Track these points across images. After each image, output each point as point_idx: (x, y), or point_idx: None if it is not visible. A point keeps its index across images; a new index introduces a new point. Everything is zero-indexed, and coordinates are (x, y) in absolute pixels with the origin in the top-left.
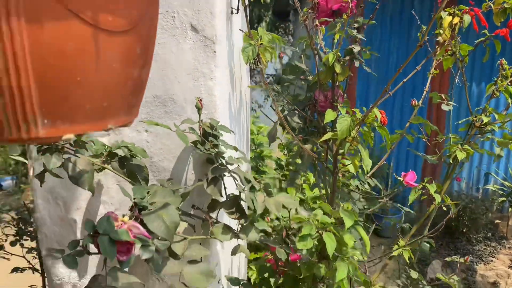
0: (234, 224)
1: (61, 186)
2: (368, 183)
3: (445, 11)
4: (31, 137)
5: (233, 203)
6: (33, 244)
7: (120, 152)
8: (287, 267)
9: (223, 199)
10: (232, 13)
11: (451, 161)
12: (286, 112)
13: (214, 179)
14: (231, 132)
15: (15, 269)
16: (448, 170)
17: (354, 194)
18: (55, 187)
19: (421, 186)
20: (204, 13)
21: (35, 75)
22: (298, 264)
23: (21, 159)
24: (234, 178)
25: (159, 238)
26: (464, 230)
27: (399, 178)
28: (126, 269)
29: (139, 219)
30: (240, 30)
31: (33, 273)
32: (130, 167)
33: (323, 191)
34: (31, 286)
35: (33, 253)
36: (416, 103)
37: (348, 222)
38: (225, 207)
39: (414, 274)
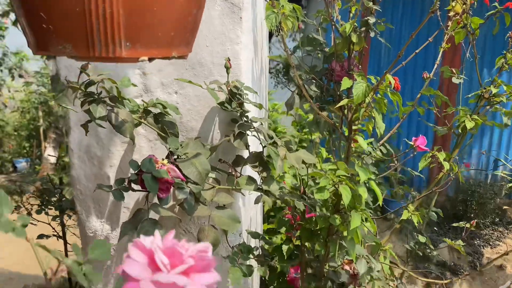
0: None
1: (96, 146)
2: (381, 150)
3: None
4: (116, 56)
5: (257, 158)
6: (57, 213)
7: (154, 110)
8: (303, 221)
9: (247, 155)
10: None
11: (460, 131)
12: (303, 82)
13: (240, 134)
14: (256, 93)
15: (41, 236)
16: (458, 140)
17: (367, 159)
18: (90, 147)
19: (430, 154)
20: None
21: (124, 4)
22: (314, 219)
23: (70, 107)
24: (258, 134)
25: (192, 182)
26: (472, 215)
27: (410, 143)
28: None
29: (175, 167)
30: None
31: (57, 239)
32: (163, 123)
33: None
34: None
35: (57, 221)
36: (428, 75)
37: (363, 176)
38: (249, 162)
39: (422, 239)
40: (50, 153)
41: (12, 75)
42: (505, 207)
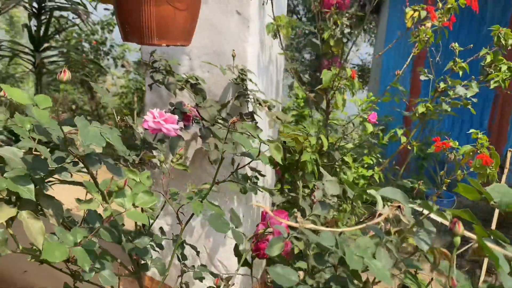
0: None
1: (159, 101)
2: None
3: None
4: (153, 43)
5: (251, 115)
6: None
7: (192, 80)
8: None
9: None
10: (263, 4)
11: (416, 115)
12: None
13: (239, 97)
14: (253, 73)
15: None
16: (418, 123)
17: (338, 128)
18: (156, 103)
19: (393, 131)
20: (244, 3)
21: (156, 22)
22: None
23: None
24: (251, 98)
25: (206, 121)
26: None
27: (364, 116)
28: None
29: (195, 110)
30: (268, 15)
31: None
32: (197, 89)
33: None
34: None
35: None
36: (399, 72)
37: (310, 129)
38: (245, 116)
39: None
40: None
41: (116, 64)
42: None
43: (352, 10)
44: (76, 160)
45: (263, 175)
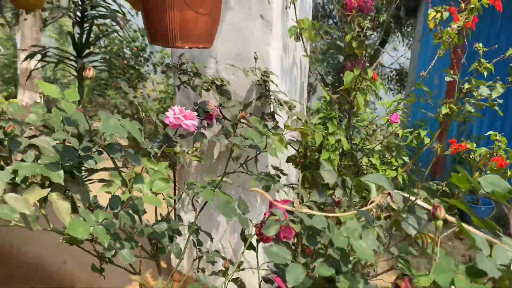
0: None
1: (187, 102)
2: (376, 124)
3: None
4: (177, 46)
5: (272, 115)
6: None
7: (217, 82)
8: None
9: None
10: (286, 8)
11: (440, 116)
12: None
13: (260, 97)
14: (276, 75)
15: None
16: (442, 124)
17: (361, 128)
18: (184, 103)
19: (417, 132)
20: (267, 8)
21: (179, 26)
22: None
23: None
24: (272, 98)
25: (228, 120)
26: None
27: (387, 117)
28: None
29: (219, 110)
30: (291, 18)
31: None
32: (222, 90)
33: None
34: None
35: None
36: (423, 73)
37: (330, 129)
38: (267, 116)
39: None
40: None
41: (155, 70)
42: None
43: (373, 14)
44: (101, 149)
45: (285, 174)
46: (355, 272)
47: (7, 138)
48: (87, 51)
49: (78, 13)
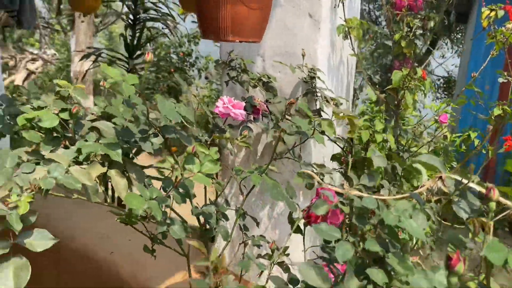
0: None
1: (232, 95)
2: (425, 125)
3: None
4: (228, 39)
5: (318, 111)
6: None
7: (264, 79)
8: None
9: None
10: (335, 6)
11: (493, 117)
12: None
13: (307, 94)
14: (323, 73)
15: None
16: (495, 126)
17: (408, 129)
18: (228, 95)
19: (464, 134)
20: (315, 6)
21: (231, 20)
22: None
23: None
24: (318, 95)
25: (275, 115)
26: None
27: (436, 118)
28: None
29: (265, 105)
30: (339, 17)
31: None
32: (268, 86)
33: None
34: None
35: None
36: (475, 74)
37: (377, 126)
38: (313, 113)
39: None
40: None
41: (200, 75)
42: None
43: (424, 12)
44: (156, 132)
45: (329, 172)
46: (404, 254)
47: (72, 120)
48: (138, 52)
49: (131, 16)
